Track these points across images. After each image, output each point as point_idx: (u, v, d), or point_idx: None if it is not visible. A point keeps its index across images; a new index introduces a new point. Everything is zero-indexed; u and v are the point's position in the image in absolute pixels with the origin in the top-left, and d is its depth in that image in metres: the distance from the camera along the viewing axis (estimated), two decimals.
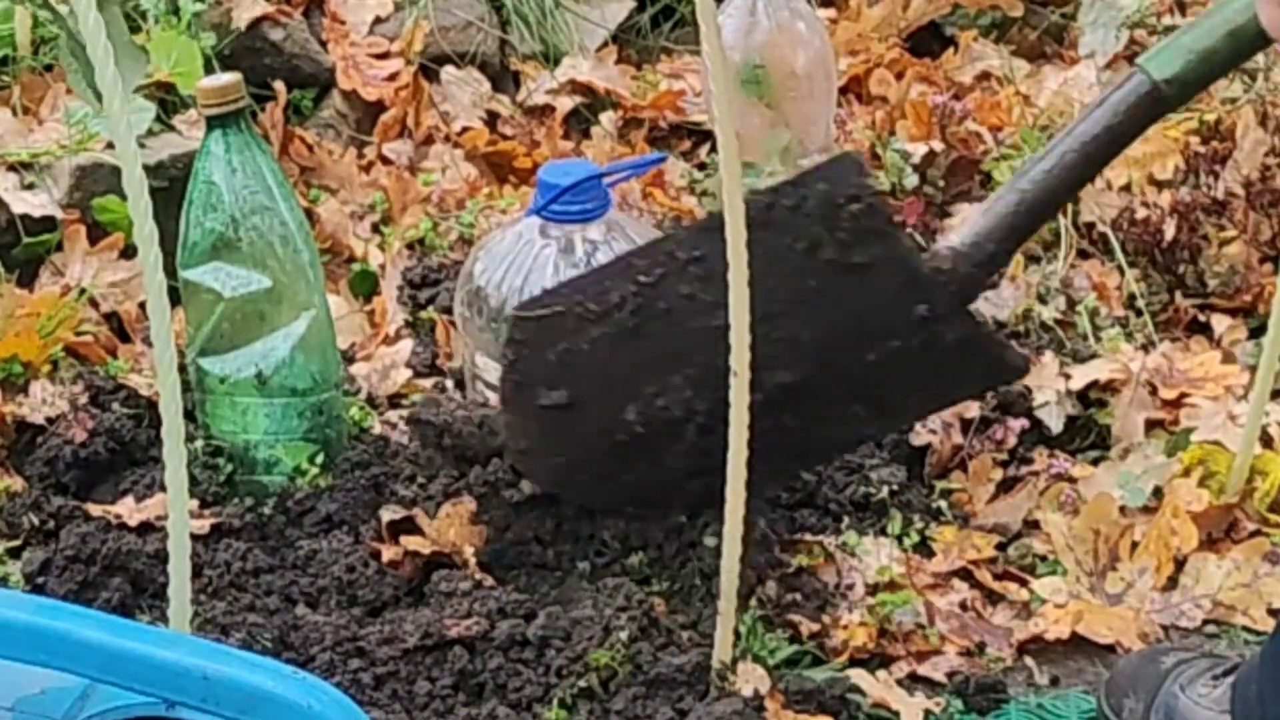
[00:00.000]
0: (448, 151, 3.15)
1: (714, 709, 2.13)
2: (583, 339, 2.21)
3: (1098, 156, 2.18)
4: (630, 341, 2.19)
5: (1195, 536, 2.41)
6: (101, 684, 1.52)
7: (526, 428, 2.29)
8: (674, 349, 2.15)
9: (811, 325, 2.16)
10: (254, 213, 2.38)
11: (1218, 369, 2.69)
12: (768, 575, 2.32)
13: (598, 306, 2.20)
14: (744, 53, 2.90)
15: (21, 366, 2.55)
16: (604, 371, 2.21)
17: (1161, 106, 2.15)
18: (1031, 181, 2.16)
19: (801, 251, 2.13)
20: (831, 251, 2.12)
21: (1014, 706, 2.25)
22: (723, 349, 2.02)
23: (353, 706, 1.52)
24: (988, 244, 2.16)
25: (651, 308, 2.18)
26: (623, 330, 2.19)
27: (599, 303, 2.20)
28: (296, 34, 3.21)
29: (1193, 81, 2.14)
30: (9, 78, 3.02)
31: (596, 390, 2.22)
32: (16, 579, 2.28)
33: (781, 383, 2.16)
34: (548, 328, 2.21)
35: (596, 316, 2.20)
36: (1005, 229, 2.17)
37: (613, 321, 2.19)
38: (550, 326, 2.21)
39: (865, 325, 2.09)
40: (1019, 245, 2.24)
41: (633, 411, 2.21)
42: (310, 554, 2.32)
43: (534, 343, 2.23)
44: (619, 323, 2.18)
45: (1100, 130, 2.15)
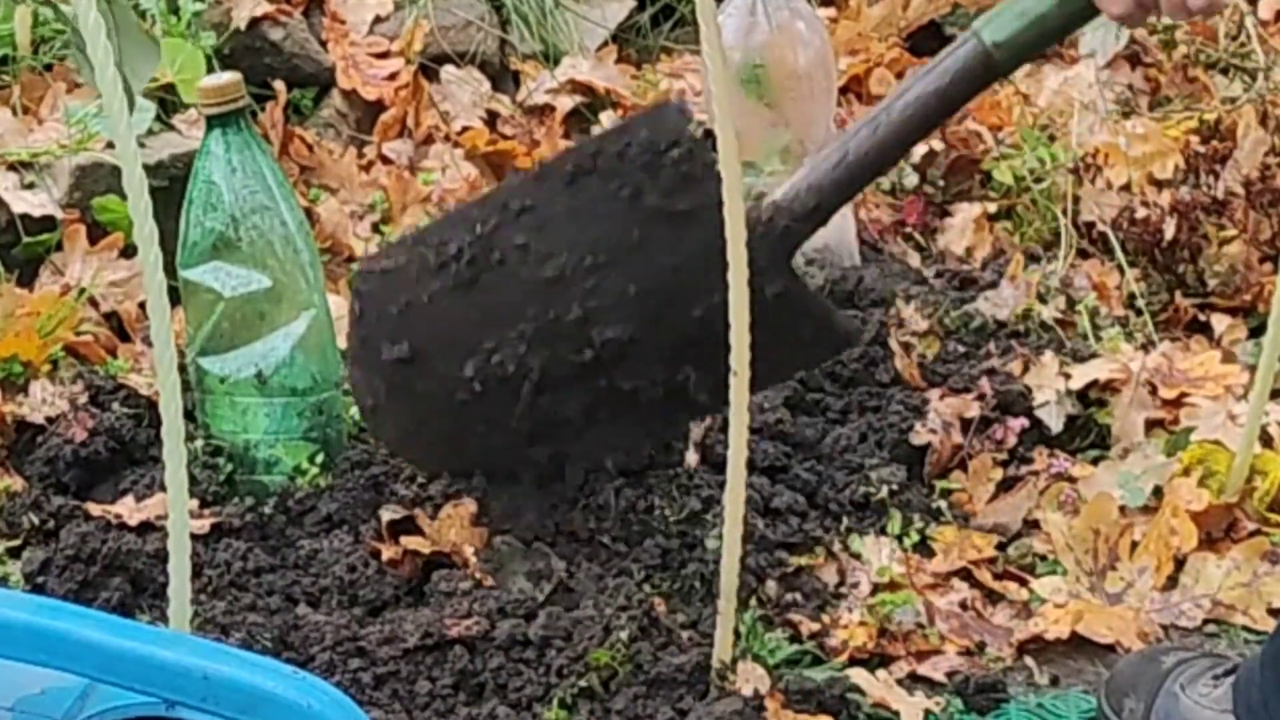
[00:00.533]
0: (448, 151, 3.15)
1: (714, 709, 2.13)
2: (423, 291, 2.19)
3: (926, 119, 2.17)
4: (467, 294, 2.17)
5: (1195, 536, 2.41)
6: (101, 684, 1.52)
7: (373, 385, 2.27)
8: (509, 301, 2.12)
9: (637, 277, 2.13)
10: (254, 212, 2.38)
11: (1218, 368, 2.69)
12: (765, 574, 2.32)
13: (437, 258, 2.18)
14: (744, 53, 2.90)
15: (21, 366, 2.55)
16: (444, 325, 2.19)
17: (992, 71, 2.14)
18: (856, 138, 2.15)
19: (626, 199, 2.12)
20: (654, 199, 2.11)
21: (1014, 706, 2.25)
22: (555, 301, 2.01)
23: (353, 706, 1.52)
24: (809, 199, 2.15)
25: (487, 258, 2.16)
26: (460, 282, 2.17)
27: (438, 254, 2.18)
28: (296, 34, 3.21)
29: (1023, 47, 2.13)
30: (9, 78, 3.02)
31: (437, 345, 2.21)
32: (16, 579, 2.28)
33: (610, 338, 2.14)
34: (391, 280, 2.20)
35: (436, 268, 2.18)
36: (828, 185, 2.16)
37: (451, 273, 2.17)
38: (393, 279, 2.20)
39: (689, 277, 2.05)
40: (842, 203, 2.22)
41: (471, 368, 2.18)
42: (310, 554, 2.32)
43: (378, 296, 2.22)
44: (457, 274, 2.17)
45: (930, 92, 2.14)
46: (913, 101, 2.14)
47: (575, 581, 2.29)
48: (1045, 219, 2.99)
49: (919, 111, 2.14)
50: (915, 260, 2.97)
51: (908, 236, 3.01)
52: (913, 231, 3.00)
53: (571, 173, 2.12)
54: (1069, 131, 3.13)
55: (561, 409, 2.14)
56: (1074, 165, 3.03)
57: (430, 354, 2.21)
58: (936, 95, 2.14)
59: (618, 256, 2.14)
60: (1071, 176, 3.02)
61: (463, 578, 2.28)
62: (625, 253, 2.13)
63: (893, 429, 2.56)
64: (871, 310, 2.76)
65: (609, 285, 2.13)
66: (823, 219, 2.19)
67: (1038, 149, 3.09)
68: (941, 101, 2.14)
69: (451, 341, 2.20)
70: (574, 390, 2.18)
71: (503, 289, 2.15)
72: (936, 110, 2.16)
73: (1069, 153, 3.07)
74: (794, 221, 2.16)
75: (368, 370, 2.28)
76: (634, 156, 2.11)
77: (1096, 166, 3.03)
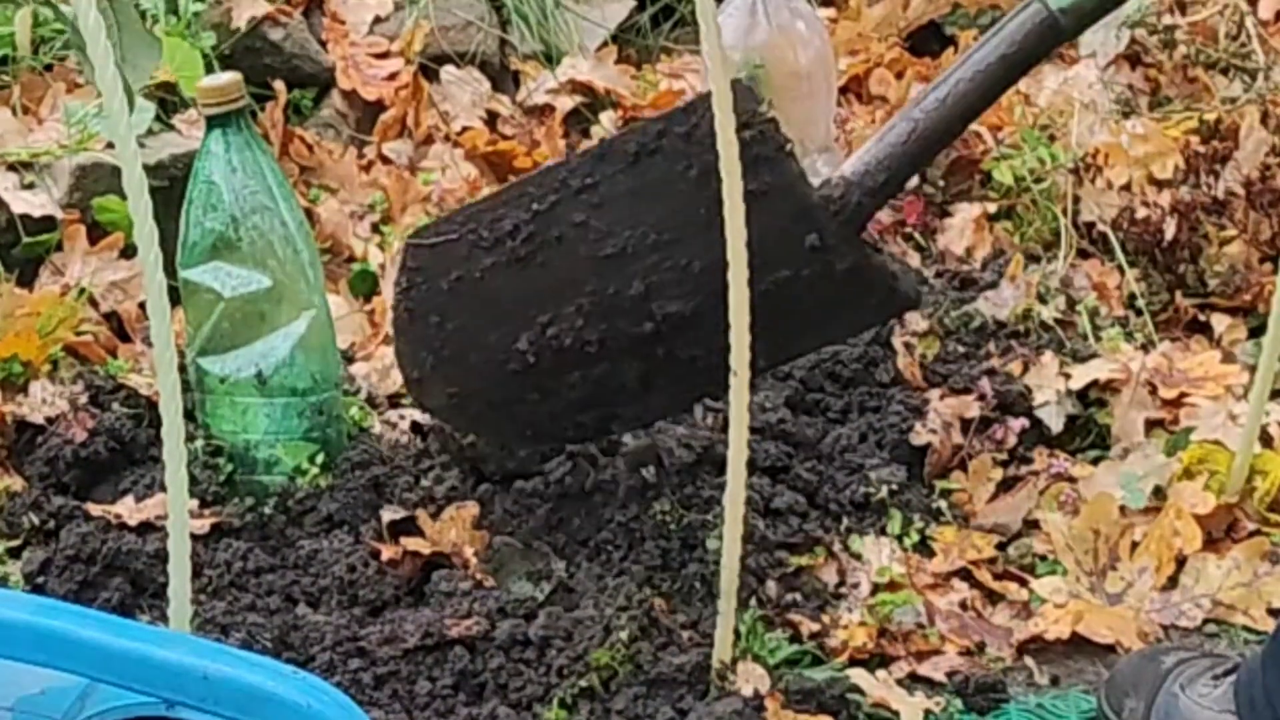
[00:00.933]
0: (448, 151, 3.15)
1: (714, 709, 2.13)
2: (476, 267, 2.19)
3: (992, 86, 2.16)
4: (523, 270, 2.17)
5: (1199, 538, 2.41)
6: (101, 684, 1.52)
7: (419, 357, 2.27)
8: (566, 278, 2.13)
9: (703, 254, 2.12)
10: (254, 212, 2.38)
11: (1218, 368, 2.69)
12: (766, 574, 2.32)
13: (491, 234, 2.18)
14: (744, 53, 2.90)
15: (21, 366, 2.54)
16: (497, 300, 2.20)
17: (1057, 37, 2.14)
18: (924, 111, 2.15)
19: (694, 179, 2.11)
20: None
21: (1014, 706, 2.25)
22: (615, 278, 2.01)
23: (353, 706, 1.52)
24: (880, 173, 2.15)
25: (544, 235, 2.16)
26: (515, 258, 2.17)
27: (492, 230, 2.18)
28: (296, 34, 3.21)
29: (1088, 12, 2.13)
30: (9, 78, 3.02)
31: (489, 319, 2.21)
32: (16, 579, 2.28)
33: (673, 312, 2.16)
34: (441, 255, 2.20)
35: (490, 244, 2.18)
36: (898, 158, 2.15)
37: (506, 250, 2.18)
38: (444, 254, 2.20)
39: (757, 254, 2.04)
40: (911, 174, 2.23)
41: (525, 341, 2.20)
42: (311, 554, 2.32)
43: (427, 270, 2.22)
44: (512, 251, 2.17)
45: (995, 59, 2.13)
46: (981, 69, 2.12)
47: (575, 581, 2.30)
48: (1045, 219, 2.99)
49: (986, 79, 2.13)
50: (915, 260, 2.97)
51: (908, 236, 3.01)
52: (913, 231, 3.00)
53: (635, 152, 2.11)
54: (1069, 131, 3.12)
55: (618, 378, 2.14)
56: (1074, 165, 3.03)
57: (482, 327, 2.21)
58: (1003, 62, 2.12)
59: (683, 234, 2.13)
60: (1071, 176, 3.02)
61: (463, 578, 2.28)
62: (691, 231, 2.12)
63: (893, 429, 2.56)
64: None
65: (673, 261, 2.13)
66: (893, 192, 2.19)
67: (1038, 149, 3.09)
68: (1008, 68, 2.13)
69: (505, 315, 2.20)
70: (632, 359, 2.19)
71: (560, 265, 2.15)
72: (1003, 77, 2.14)
73: (1069, 153, 3.07)
74: (866, 196, 2.15)
75: (414, 343, 2.27)
76: (702, 137, 2.07)
77: (1096, 166, 3.03)
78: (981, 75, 2.13)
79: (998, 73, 2.13)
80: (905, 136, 2.14)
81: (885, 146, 2.15)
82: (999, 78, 2.14)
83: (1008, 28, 2.13)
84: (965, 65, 2.13)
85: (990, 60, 2.13)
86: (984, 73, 2.13)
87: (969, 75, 2.13)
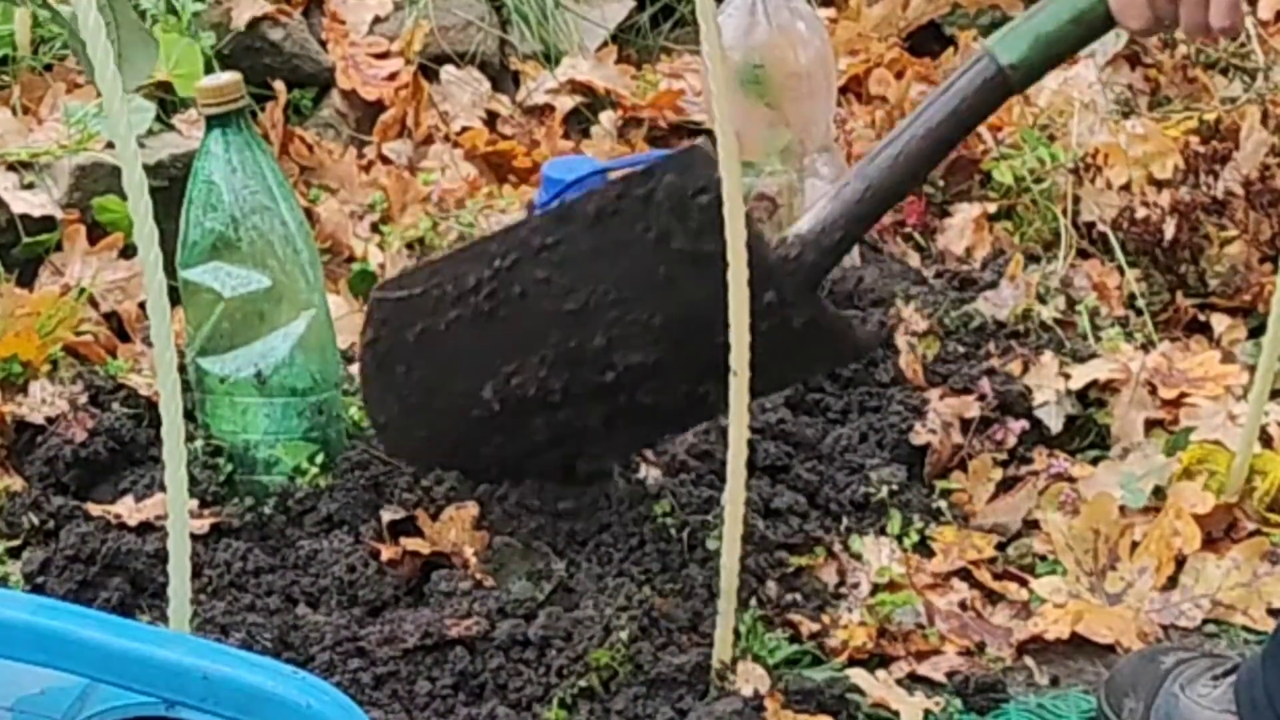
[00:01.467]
0: (447, 151, 3.15)
1: (714, 709, 2.13)
2: (441, 320, 2.26)
3: (943, 143, 2.19)
4: (486, 323, 2.24)
5: (1198, 538, 2.41)
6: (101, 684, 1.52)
7: (386, 403, 2.35)
8: (529, 330, 2.20)
9: (663, 309, 2.20)
10: (254, 212, 2.38)
11: (1217, 369, 2.69)
12: (766, 574, 2.32)
13: (455, 289, 2.25)
14: (744, 53, 2.90)
15: (21, 366, 2.54)
16: (461, 351, 2.27)
17: (1006, 91, 2.16)
18: (878, 169, 2.17)
19: (652, 240, 2.17)
20: (682, 241, 2.16)
21: (1014, 706, 2.25)
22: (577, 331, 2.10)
23: (353, 706, 1.52)
24: (834, 231, 2.18)
25: (507, 291, 2.22)
26: (479, 313, 2.24)
27: (456, 285, 2.25)
28: (296, 34, 3.21)
29: (1038, 65, 2.14)
30: (9, 78, 3.02)
31: (454, 369, 2.28)
32: (16, 579, 2.28)
33: (634, 363, 2.22)
34: (407, 308, 2.27)
35: (454, 299, 2.25)
36: (852, 216, 2.19)
37: (469, 304, 2.24)
38: (410, 307, 2.27)
39: (716, 310, 2.08)
40: (865, 231, 2.27)
41: (489, 390, 2.27)
42: (310, 554, 2.32)
43: (393, 323, 2.29)
44: (475, 305, 2.24)
45: (946, 115, 2.15)
46: (932, 127, 2.15)
47: (575, 581, 2.29)
48: (1045, 219, 2.99)
49: (937, 136, 2.16)
50: (915, 260, 2.98)
51: (907, 236, 3.01)
52: (912, 231, 3.00)
53: (595, 213, 2.17)
54: (1069, 131, 3.12)
55: (581, 420, 2.21)
56: (1074, 165, 3.03)
57: (447, 376, 2.29)
58: (954, 118, 2.15)
59: (643, 292, 2.20)
60: (1071, 176, 3.02)
61: (463, 578, 2.28)
62: (650, 288, 2.20)
63: (893, 429, 2.56)
64: (871, 310, 2.76)
65: (633, 316, 2.21)
66: (847, 249, 2.23)
67: (1038, 149, 3.09)
68: (958, 125, 2.16)
69: (470, 365, 2.27)
70: (594, 404, 2.26)
71: (523, 319, 2.22)
72: (953, 133, 2.18)
73: (1069, 153, 3.07)
74: (821, 255, 2.19)
75: (381, 391, 2.35)
76: (660, 200, 2.16)
77: (1096, 166, 3.03)
78: (934, 133, 2.16)
79: (949, 129, 2.16)
80: (859, 195, 2.18)
81: (839, 204, 2.19)
82: (950, 133, 2.17)
83: (958, 83, 2.15)
84: (916, 123, 2.16)
85: (941, 118, 2.15)
86: (935, 130, 2.16)
87: (921, 132, 2.16)
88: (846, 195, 2.18)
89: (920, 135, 2.15)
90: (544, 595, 2.27)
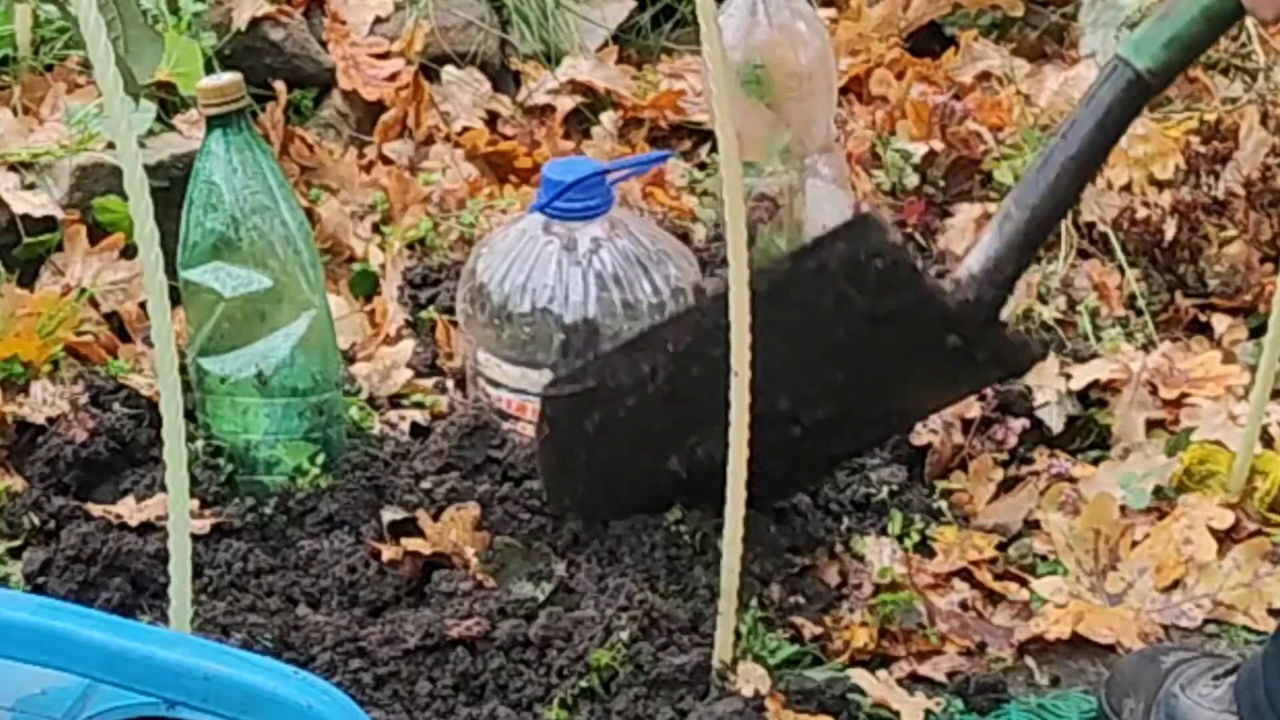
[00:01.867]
0: (448, 151, 3.15)
1: (714, 709, 2.13)
2: (618, 408, 2.28)
3: (1095, 157, 2.20)
4: (665, 404, 2.26)
5: (1213, 549, 2.41)
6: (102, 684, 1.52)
7: (569, 488, 2.36)
8: (710, 405, 2.17)
9: (847, 367, 2.22)
10: (254, 213, 2.38)
11: (1218, 369, 2.69)
12: (772, 577, 2.32)
13: (630, 378, 2.27)
14: (744, 53, 2.89)
15: (22, 366, 2.54)
16: (643, 432, 2.29)
17: (1147, 96, 2.18)
18: (1038, 196, 2.19)
19: (830, 306, 2.19)
20: (860, 303, 2.18)
21: (1014, 706, 2.25)
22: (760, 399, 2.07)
23: (353, 707, 1.52)
24: (1006, 266, 2.20)
25: (684, 374, 2.24)
26: (658, 395, 2.25)
27: (631, 374, 2.27)
28: (297, 34, 3.21)
29: (1176, 67, 2.17)
30: (9, 78, 3.02)
31: (636, 449, 2.30)
32: (17, 579, 2.28)
33: (821, 419, 2.25)
34: (580, 402, 2.28)
35: (630, 387, 2.27)
36: (1020, 246, 2.20)
37: (646, 390, 2.26)
38: (584, 401, 2.29)
39: (899, 360, 2.17)
40: (1033, 257, 2.29)
41: (675, 462, 2.29)
42: (311, 554, 2.32)
43: (567, 418, 2.31)
44: (654, 390, 2.25)
45: (1093, 129, 2.17)
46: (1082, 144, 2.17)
47: (575, 581, 2.29)
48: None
49: (1087, 151, 2.18)
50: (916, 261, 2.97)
51: (909, 237, 3.01)
52: (913, 231, 3.00)
53: (767, 290, 2.16)
54: None
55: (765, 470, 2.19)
56: None
57: (630, 456, 2.31)
58: (1101, 131, 2.17)
59: (824, 356, 2.22)
60: None
61: (463, 578, 2.28)
62: (832, 351, 2.22)
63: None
64: None
65: (815, 378, 2.23)
66: (1018, 278, 2.25)
67: (1038, 149, 3.09)
68: (1106, 137, 2.18)
69: (652, 443, 2.29)
70: (779, 459, 2.25)
71: (702, 396, 2.21)
72: (1103, 146, 2.19)
73: None
74: (997, 290, 2.21)
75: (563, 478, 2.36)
76: (834, 270, 2.17)
77: None
78: (1084, 150, 2.18)
79: (1098, 142, 2.19)
80: (1023, 225, 2.20)
81: (1006, 237, 2.20)
82: (1100, 146, 2.19)
83: (1099, 96, 2.17)
84: (1065, 142, 2.18)
85: (1089, 132, 2.17)
86: (1086, 147, 2.18)
87: (1073, 151, 2.18)
88: (1011, 229, 2.20)
89: (1072, 154, 2.17)
90: (544, 595, 2.27)
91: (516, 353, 2.51)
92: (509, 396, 2.52)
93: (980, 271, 2.20)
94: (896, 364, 2.20)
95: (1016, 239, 2.19)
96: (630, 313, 2.49)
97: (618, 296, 2.50)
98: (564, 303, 2.49)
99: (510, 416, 2.51)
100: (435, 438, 2.49)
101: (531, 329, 2.50)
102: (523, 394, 2.51)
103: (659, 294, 2.51)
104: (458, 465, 2.44)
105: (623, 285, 2.50)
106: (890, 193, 3.06)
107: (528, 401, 2.49)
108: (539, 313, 2.49)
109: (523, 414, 2.50)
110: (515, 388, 2.52)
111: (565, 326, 2.49)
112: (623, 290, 2.50)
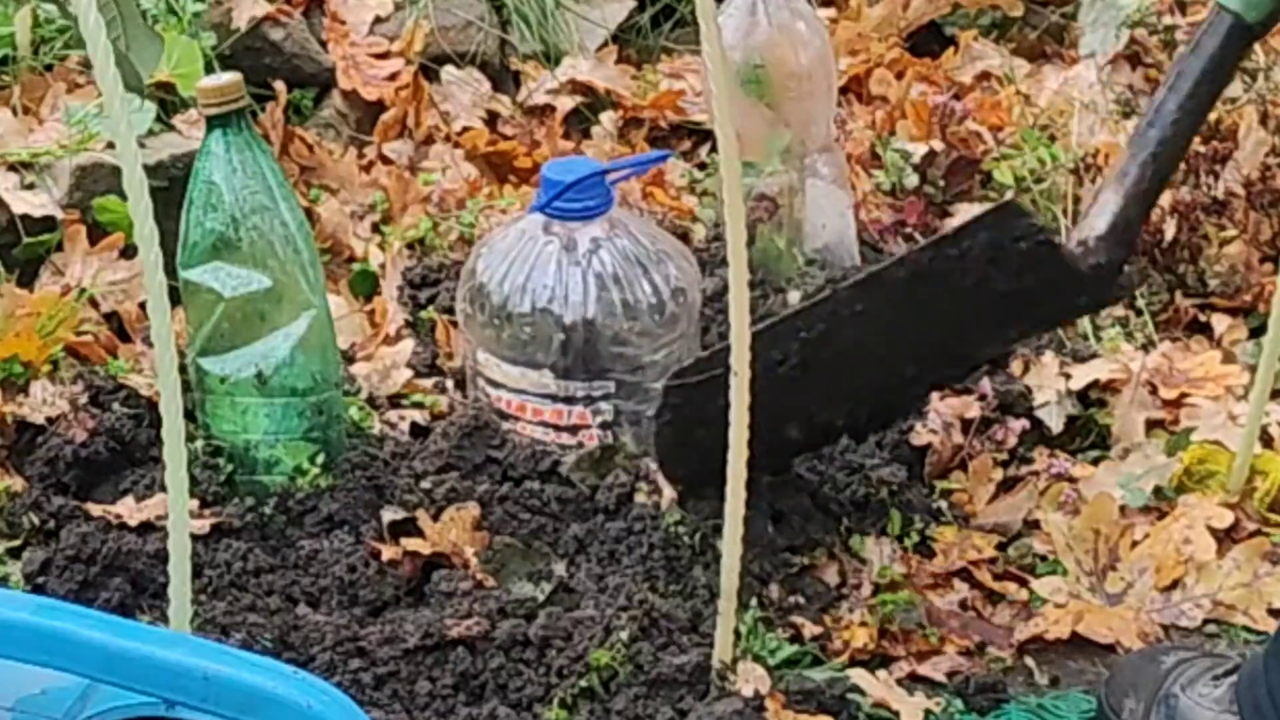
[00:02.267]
0: (448, 151, 3.15)
1: (714, 709, 2.13)
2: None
3: (1204, 103, 2.26)
4: (792, 385, 2.29)
5: (1213, 549, 2.41)
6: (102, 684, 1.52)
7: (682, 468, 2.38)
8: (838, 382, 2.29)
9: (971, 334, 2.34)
10: (254, 212, 2.38)
11: (1218, 369, 2.69)
12: (771, 577, 2.32)
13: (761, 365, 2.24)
14: (744, 52, 2.89)
15: (21, 366, 2.54)
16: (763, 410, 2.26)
17: (1251, 41, 2.24)
18: (1151, 152, 2.25)
19: (970, 287, 2.25)
20: (1000, 282, 2.24)
21: (1014, 706, 2.25)
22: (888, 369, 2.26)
23: (353, 707, 1.52)
24: (1133, 223, 2.26)
25: (815, 359, 2.29)
26: (787, 379, 2.29)
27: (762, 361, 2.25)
28: (296, 34, 3.21)
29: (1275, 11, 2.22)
30: (9, 78, 3.02)
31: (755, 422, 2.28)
32: (16, 579, 2.28)
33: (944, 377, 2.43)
34: (706, 388, 2.27)
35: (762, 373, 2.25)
36: (1139, 202, 2.26)
37: (776, 374, 2.28)
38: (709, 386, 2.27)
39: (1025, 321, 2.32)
40: (1151, 210, 2.36)
41: (794, 429, 2.37)
42: (311, 554, 2.32)
43: (690, 404, 2.32)
44: (784, 374, 2.29)
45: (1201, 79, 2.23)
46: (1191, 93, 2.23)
47: (575, 581, 2.30)
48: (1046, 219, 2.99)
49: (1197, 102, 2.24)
50: None
51: (908, 237, 3.01)
52: (913, 232, 3.00)
53: (908, 277, 2.24)
54: (1069, 131, 3.13)
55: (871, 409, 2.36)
56: (1074, 165, 3.03)
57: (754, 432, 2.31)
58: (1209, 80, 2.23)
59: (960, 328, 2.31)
60: (1072, 176, 3.02)
61: (463, 578, 2.28)
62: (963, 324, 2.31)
63: (893, 429, 2.56)
64: None
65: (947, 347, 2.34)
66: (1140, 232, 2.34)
67: (1038, 149, 3.09)
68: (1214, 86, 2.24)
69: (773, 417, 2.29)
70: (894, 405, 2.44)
71: (830, 376, 2.30)
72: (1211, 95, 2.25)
73: (1069, 153, 3.07)
74: (1124, 249, 2.27)
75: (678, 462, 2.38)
76: (978, 255, 2.23)
77: (1096, 166, 3.03)
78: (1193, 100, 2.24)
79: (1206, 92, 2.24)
80: (1142, 178, 2.25)
81: (1126, 195, 2.26)
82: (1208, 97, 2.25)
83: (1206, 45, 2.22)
84: (1174, 94, 2.24)
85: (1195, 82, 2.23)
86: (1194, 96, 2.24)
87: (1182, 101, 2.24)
88: (1130, 186, 2.25)
89: (1182, 105, 2.23)
90: (544, 595, 2.28)
91: (516, 353, 2.51)
92: (509, 396, 2.52)
93: (1106, 231, 2.25)
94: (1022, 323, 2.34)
95: (1137, 195, 2.25)
96: (630, 312, 2.49)
97: (617, 296, 2.50)
98: (564, 303, 2.49)
99: (510, 416, 2.51)
100: (435, 438, 2.49)
101: (531, 329, 2.50)
102: (522, 394, 2.51)
103: (659, 294, 2.51)
104: (457, 465, 2.44)
105: (622, 285, 2.50)
106: (890, 193, 3.06)
107: (527, 401, 2.49)
108: (539, 313, 2.49)
109: (522, 414, 2.50)
110: (515, 388, 2.52)
111: (565, 326, 2.49)
112: (622, 290, 2.50)
